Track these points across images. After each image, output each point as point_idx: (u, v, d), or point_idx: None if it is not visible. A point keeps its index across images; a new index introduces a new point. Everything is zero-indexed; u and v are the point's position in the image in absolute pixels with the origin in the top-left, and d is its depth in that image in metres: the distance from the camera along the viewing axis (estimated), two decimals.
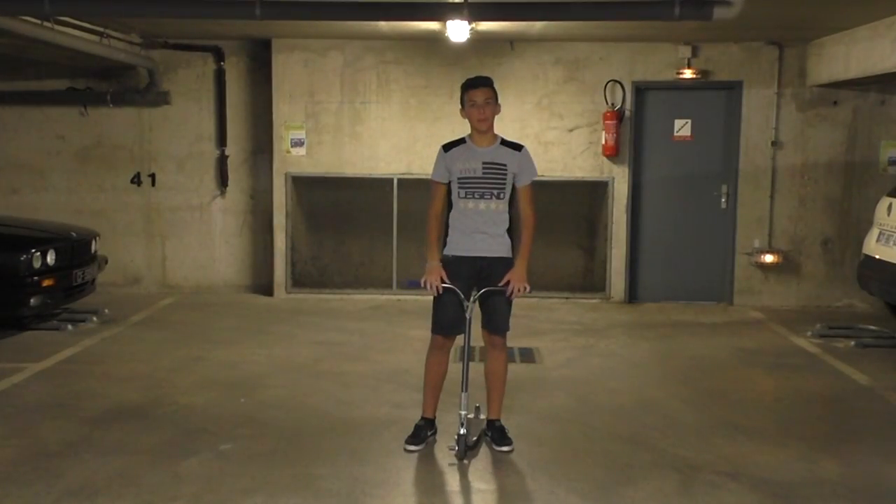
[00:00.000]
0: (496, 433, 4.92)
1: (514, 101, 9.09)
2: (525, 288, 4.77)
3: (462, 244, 4.84)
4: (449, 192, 4.88)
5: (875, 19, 7.50)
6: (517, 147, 4.91)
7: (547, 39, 9.02)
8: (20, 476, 4.45)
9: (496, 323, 4.88)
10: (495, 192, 4.80)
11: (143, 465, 4.63)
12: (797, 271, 9.36)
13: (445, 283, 4.75)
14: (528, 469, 4.64)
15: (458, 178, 4.80)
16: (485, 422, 5.06)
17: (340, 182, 9.45)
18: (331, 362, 6.83)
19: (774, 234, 9.32)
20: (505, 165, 4.81)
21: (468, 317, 4.79)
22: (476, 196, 4.80)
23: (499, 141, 4.90)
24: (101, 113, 9.60)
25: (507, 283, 4.78)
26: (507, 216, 4.86)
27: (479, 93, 4.81)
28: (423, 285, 4.81)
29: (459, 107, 4.93)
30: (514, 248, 4.87)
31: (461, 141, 4.91)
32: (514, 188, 4.85)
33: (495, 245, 4.83)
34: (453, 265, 4.84)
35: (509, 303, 4.88)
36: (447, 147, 4.90)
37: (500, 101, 4.91)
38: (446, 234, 4.91)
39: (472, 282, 4.85)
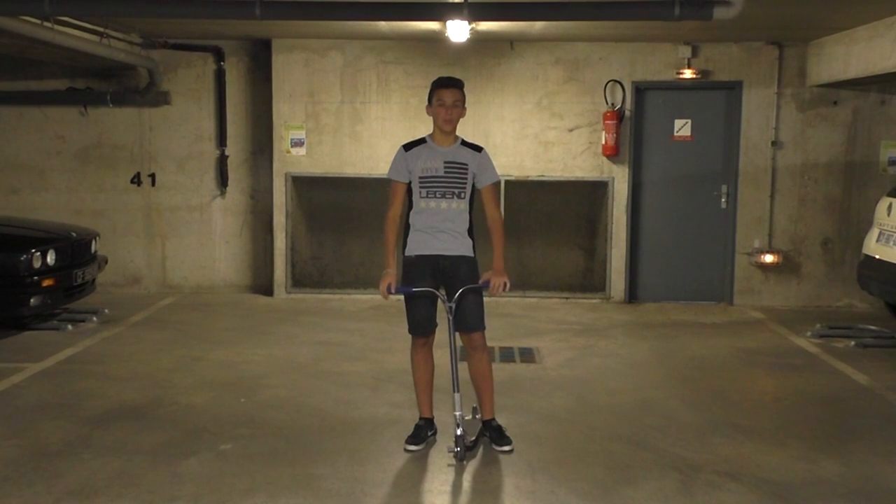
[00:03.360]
0: (494, 433, 4.92)
1: (514, 101, 9.07)
2: (505, 284, 4.76)
3: (424, 242, 4.83)
4: (409, 193, 4.87)
5: (875, 19, 7.50)
6: (477, 148, 4.93)
7: (547, 39, 9.02)
8: (20, 476, 4.46)
9: (470, 322, 4.82)
10: (456, 191, 4.79)
11: (143, 465, 4.64)
12: (797, 271, 9.36)
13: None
14: (528, 469, 4.64)
15: (420, 178, 4.80)
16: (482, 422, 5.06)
17: (340, 182, 9.45)
18: (331, 362, 6.83)
19: (774, 234, 9.32)
20: (466, 165, 4.82)
21: (449, 317, 4.76)
22: (438, 195, 4.79)
23: (459, 141, 4.91)
24: (101, 113, 9.61)
25: (487, 281, 4.76)
26: (468, 216, 4.85)
27: (448, 93, 4.81)
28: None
29: (426, 104, 4.93)
30: (473, 248, 4.87)
31: (422, 140, 4.93)
32: (474, 190, 4.85)
33: (457, 244, 4.82)
34: (416, 265, 4.85)
35: (480, 300, 4.85)
36: (408, 147, 4.91)
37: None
38: (406, 235, 4.90)
39: (437, 281, 4.83)
